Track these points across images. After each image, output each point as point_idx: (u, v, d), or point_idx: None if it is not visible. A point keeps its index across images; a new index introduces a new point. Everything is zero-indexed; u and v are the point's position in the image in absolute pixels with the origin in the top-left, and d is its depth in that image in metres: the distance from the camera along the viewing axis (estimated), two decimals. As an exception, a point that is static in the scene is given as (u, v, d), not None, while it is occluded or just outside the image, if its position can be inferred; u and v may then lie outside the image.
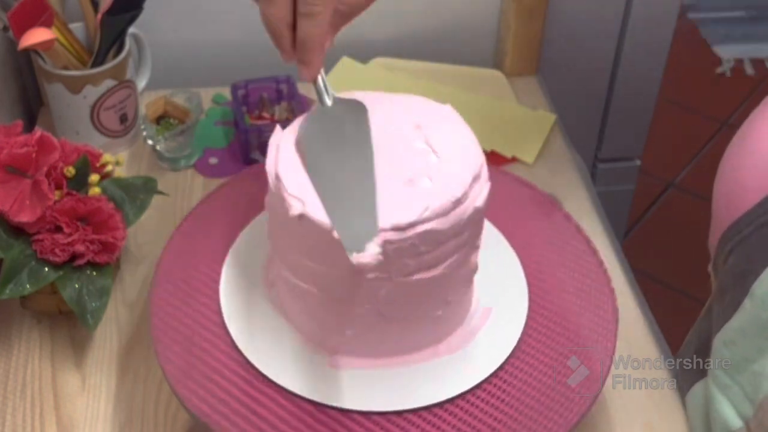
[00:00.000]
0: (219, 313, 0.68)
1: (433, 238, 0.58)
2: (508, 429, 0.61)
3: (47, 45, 0.88)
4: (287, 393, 0.62)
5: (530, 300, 0.69)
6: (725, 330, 0.65)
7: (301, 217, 0.57)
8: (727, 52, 2.39)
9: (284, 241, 0.63)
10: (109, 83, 0.94)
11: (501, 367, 0.64)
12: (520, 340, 0.66)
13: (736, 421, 0.64)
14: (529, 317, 0.68)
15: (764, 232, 0.62)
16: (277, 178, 0.60)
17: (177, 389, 0.63)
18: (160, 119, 0.98)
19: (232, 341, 0.65)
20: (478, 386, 0.63)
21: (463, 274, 0.64)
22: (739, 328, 0.63)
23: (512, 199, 0.78)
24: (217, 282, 0.70)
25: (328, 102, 0.63)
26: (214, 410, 0.61)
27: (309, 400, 0.62)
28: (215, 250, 0.72)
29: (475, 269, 0.65)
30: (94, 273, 0.76)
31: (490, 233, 0.73)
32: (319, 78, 0.63)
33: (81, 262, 0.75)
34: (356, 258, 0.54)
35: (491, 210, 0.75)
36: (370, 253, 0.55)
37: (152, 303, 0.68)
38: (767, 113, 0.67)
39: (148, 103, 0.97)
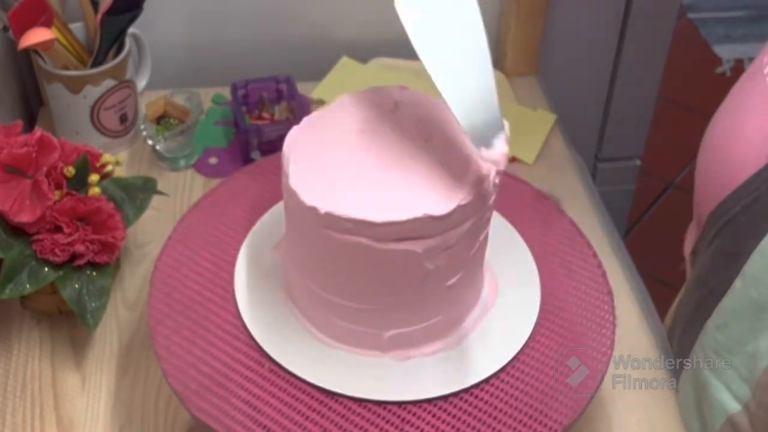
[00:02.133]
0: (220, 310, 0.68)
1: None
2: (504, 427, 0.61)
3: (47, 45, 0.88)
4: (292, 388, 0.62)
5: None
6: (717, 313, 0.64)
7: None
8: (727, 52, 2.39)
9: (300, 238, 0.63)
10: (109, 83, 0.94)
11: (503, 366, 0.64)
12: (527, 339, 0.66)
13: (733, 405, 0.64)
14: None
15: (752, 212, 0.61)
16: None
17: (176, 389, 0.62)
18: (160, 119, 0.98)
19: (236, 339, 0.65)
20: (480, 383, 0.63)
21: (477, 251, 0.65)
22: (731, 309, 0.63)
23: (512, 199, 0.78)
24: (217, 280, 0.70)
25: None
26: (215, 410, 0.61)
27: (316, 394, 0.62)
28: (215, 248, 0.72)
29: (485, 245, 0.66)
30: (94, 273, 0.76)
31: (505, 229, 0.74)
32: None
33: (81, 262, 0.75)
34: (485, 153, 0.53)
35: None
36: (498, 150, 0.53)
37: (151, 301, 0.68)
38: (755, 89, 0.66)
39: (148, 103, 0.97)
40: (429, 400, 0.62)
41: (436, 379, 0.63)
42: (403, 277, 0.60)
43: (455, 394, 0.62)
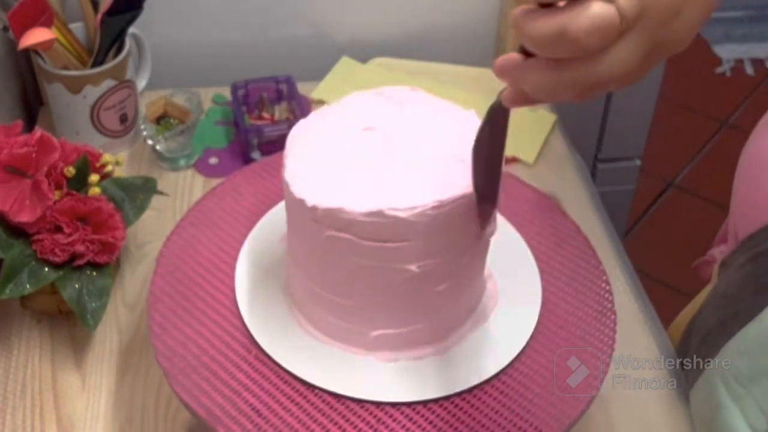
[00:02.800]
0: (222, 310, 0.67)
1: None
2: (506, 428, 0.61)
3: (47, 45, 0.88)
4: (274, 377, 0.63)
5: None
6: (740, 339, 0.64)
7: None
8: (727, 52, 2.39)
9: (305, 245, 0.63)
10: (109, 83, 0.94)
11: (504, 367, 0.64)
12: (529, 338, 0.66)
13: None
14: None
15: None
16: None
17: (164, 365, 0.63)
18: (160, 119, 0.98)
19: (238, 338, 0.65)
20: (483, 383, 0.63)
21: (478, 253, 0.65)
22: (757, 340, 0.63)
23: (512, 199, 0.78)
24: (218, 279, 0.70)
25: None
26: (196, 390, 0.62)
27: (297, 385, 0.62)
28: (216, 247, 0.72)
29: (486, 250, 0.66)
30: (94, 273, 0.76)
31: (506, 229, 0.73)
32: None
33: (81, 262, 0.75)
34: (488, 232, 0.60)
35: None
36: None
37: (152, 299, 0.68)
38: None
39: (148, 103, 0.97)
40: (408, 404, 0.62)
41: (417, 384, 0.63)
42: (386, 277, 0.60)
43: (439, 399, 0.62)
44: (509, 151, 0.99)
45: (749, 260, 0.65)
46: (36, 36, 0.86)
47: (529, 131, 1.03)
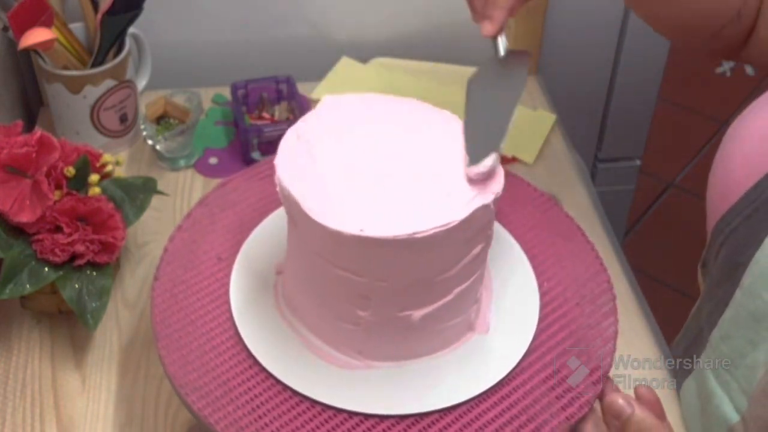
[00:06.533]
0: (224, 310, 0.67)
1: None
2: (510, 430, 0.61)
3: (47, 45, 0.88)
4: (293, 393, 0.62)
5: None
6: (721, 324, 0.65)
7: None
8: (727, 52, 2.38)
9: (307, 248, 0.63)
10: (109, 83, 0.94)
11: (513, 368, 0.64)
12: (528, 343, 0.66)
13: (733, 416, 0.64)
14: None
15: (752, 223, 0.62)
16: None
17: (178, 387, 0.62)
18: (160, 119, 0.98)
19: (238, 339, 0.65)
20: (486, 391, 0.63)
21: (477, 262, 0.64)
22: (732, 320, 0.63)
23: (512, 199, 0.78)
24: (221, 279, 0.70)
25: (501, 53, 0.75)
26: (216, 409, 0.61)
27: (314, 402, 0.62)
28: (219, 248, 0.72)
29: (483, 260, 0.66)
30: (94, 273, 0.76)
31: (502, 230, 0.73)
32: (500, 38, 0.74)
33: (81, 262, 0.75)
34: (470, 170, 0.60)
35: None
36: (484, 164, 0.60)
37: (154, 299, 0.68)
38: (757, 110, 0.66)
39: (148, 103, 0.97)
40: (405, 417, 0.61)
41: (413, 395, 0.63)
42: (377, 289, 0.60)
43: (439, 411, 0.62)
44: (509, 151, 0.99)
45: (721, 245, 0.66)
46: (36, 36, 0.86)
47: (529, 131, 1.03)
